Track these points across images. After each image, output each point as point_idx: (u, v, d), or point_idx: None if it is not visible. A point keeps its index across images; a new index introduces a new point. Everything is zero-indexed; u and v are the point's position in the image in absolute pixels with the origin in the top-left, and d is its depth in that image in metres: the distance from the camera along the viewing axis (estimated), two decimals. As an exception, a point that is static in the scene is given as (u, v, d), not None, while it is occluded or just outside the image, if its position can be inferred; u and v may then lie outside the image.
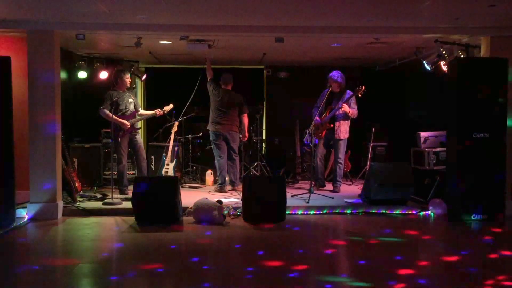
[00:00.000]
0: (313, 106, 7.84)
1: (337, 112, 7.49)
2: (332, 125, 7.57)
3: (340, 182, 7.77)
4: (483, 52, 6.50)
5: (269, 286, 3.86)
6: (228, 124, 7.69)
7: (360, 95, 7.32)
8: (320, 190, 7.64)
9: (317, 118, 7.54)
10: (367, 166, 8.54)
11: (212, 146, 7.82)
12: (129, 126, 7.20)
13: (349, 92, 7.55)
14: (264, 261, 4.45)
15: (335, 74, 7.60)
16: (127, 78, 7.43)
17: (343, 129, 7.59)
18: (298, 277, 4.05)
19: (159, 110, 7.47)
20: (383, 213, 6.45)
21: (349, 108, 7.42)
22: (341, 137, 7.59)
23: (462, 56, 6.52)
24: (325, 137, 7.72)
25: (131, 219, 5.99)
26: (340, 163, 7.67)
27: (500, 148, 6.05)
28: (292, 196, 7.01)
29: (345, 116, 7.54)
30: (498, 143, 6.03)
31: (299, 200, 6.89)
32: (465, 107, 6.03)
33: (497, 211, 6.03)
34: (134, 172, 8.03)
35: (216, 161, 7.76)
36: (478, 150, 5.99)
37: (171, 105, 7.63)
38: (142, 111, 7.59)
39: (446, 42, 6.57)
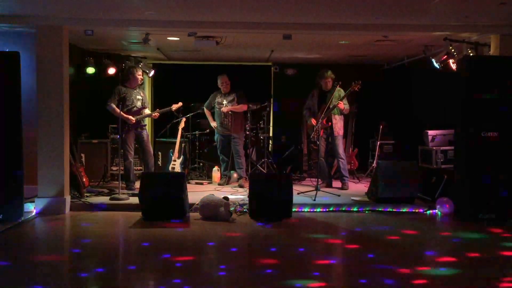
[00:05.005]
0: (304, 108, 7.89)
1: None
2: (330, 123, 7.56)
3: (347, 177, 7.77)
4: (493, 51, 6.45)
5: (272, 284, 3.86)
6: None
7: (357, 90, 7.29)
8: (327, 187, 7.62)
9: (313, 121, 7.54)
10: (374, 164, 8.51)
11: (240, 146, 7.95)
12: (134, 122, 7.21)
13: (339, 89, 7.54)
14: (268, 258, 4.46)
15: (330, 71, 7.61)
16: (139, 75, 7.42)
17: (340, 126, 7.63)
18: (302, 273, 4.06)
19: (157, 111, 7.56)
20: (390, 211, 6.43)
21: (343, 105, 7.46)
22: (339, 133, 7.62)
23: (471, 54, 6.47)
24: (324, 135, 7.71)
25: (138, 214, 6.01)
26: (342, 159, 7.67)
27: (509, 147, 6.00)
28: (298, 194, 7.01)
29: (340, 112, 7.57)
30: (507, 142, 5.98)
31: (305, 197, 6.88)
32: (474, 105, 5.99)
33: (505, 210, 5.98)
34: (141, 167, 8.06)
35: (243, 158, 7.96)
36: (487, 149, 5.96)
37: (180, 103, 7.63)
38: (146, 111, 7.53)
39: (455, 40, 6.53)
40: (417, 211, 6.45)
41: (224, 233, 5.39)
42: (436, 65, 6.89)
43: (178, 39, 7.25)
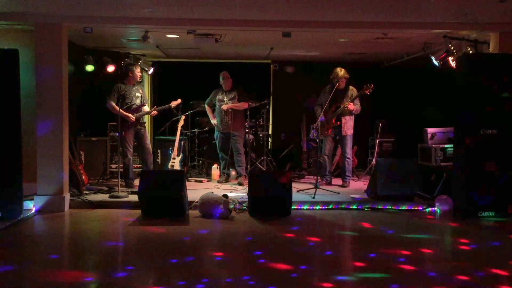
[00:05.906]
0: (316, 104, 7.87)
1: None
2: (339, 122, 7.56)
3: (350, 176, 7.81)
4: (492, 48, 6.45)
5: (273, 283, 3.86)
6: None
7: (368, 93, 7.30)
8: (327, 185, 7.63)
9: (322, 117, 7.51)
10: (374, 162, 8.51)
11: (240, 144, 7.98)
12: (134, 120, 7.20)
13: (352, 88, 7.56)
14: (268, 256, 4.47)
15: (344, 71, 7.58)
16: (138, 72, 7.41)
17: (349, 125, 7.62)
18: (302, 272, 4.06)
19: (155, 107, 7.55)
20: (389, 209, 6.44)
21: (353, 106, 7.44)
22: (348, 133, 7.61)
23: (470, 52, 6.47)
24: (332, 133, 7.71)
25: (137, 212, 6.02)
26: (349, 158, 7.70)
27: (508, 145, 6.00)
28: (298, 191, 7.01)
29: (351, 113, 7.57)
30: (506, 140, 5.98)
31: (305, 195, 6.88)
32: (473, 103, 5.99)
33: (505, 208, 5.99)
34: (140, 165, 8.06)
35: (243, 156, 7.99)
36: (486, 147, 5.96)
37: (179, 100, 7.62)
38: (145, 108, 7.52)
39: (454, 37, 6.53)
40: (416, 208, 6.46)
41: (223, 231, 5.39)
42: (436, 62, 6.89)
43: (178, 36, 7.24)
